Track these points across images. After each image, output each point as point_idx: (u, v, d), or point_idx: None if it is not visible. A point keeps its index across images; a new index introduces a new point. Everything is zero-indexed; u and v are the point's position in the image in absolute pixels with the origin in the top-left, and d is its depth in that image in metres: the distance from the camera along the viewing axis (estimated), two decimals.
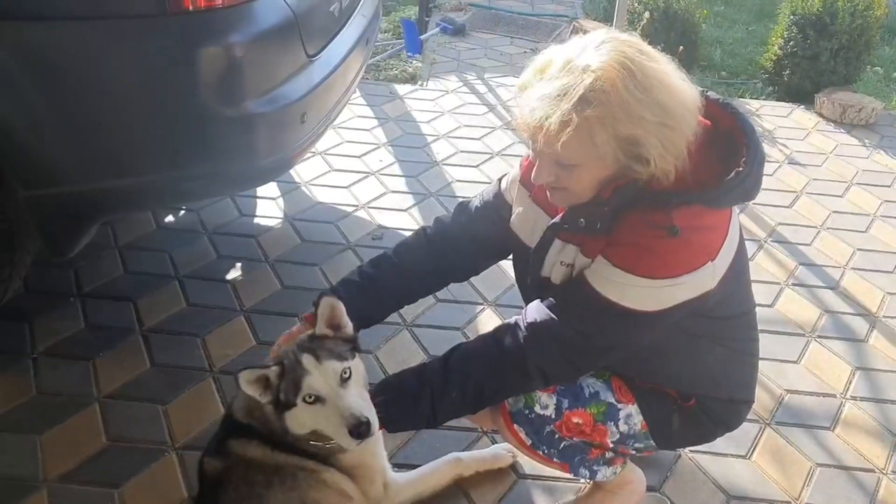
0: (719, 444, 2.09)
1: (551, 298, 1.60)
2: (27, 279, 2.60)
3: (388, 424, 1.63)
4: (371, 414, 1.57)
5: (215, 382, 2.36)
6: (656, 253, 1.50)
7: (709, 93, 1.60)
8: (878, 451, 2.27)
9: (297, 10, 2.28)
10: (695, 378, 1.73)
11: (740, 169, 1.50)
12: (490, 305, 2.77)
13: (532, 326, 1.58)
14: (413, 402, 1.62)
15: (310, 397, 1.57)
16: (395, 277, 1.87)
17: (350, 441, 1.56)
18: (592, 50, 1.43)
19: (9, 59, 1.92)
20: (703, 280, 1.51)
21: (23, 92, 1.96)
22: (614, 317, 1.52)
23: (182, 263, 2.89)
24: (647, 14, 4.96)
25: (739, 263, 1.62)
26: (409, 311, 2.67)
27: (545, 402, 1.68)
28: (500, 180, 1.90)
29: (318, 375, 1.57)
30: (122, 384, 2.33)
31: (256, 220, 3.23)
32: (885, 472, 2.21)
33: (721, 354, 1.72)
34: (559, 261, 1.63)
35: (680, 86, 1.46)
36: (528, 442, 1.74)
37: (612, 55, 1.41)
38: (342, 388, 1.58)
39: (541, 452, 1.75)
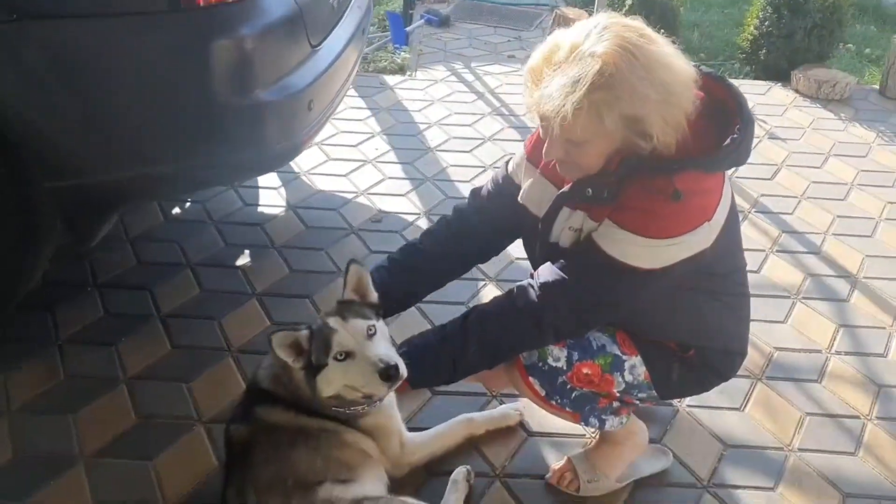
0: (715, 398, 2.24)
1: (562, 260, 1.72)
2: (44, 272, 2.67)
3: (412, 381, 1.75)
4: (399, 360, 1.70)
5: (235, 361, 2.47)
6: (659, 216, 1.63)
7: (702, 67, 1.72)
8: (862, 399, 2.43)
9: (301, 2, 2.40)
10: (693, 330, 1.86)
11: (735, 136, 1.63)
12: (492, 281, 2.90)
13: (544, 286, 1.71)
14: (434, 359, 1.76)
15: (341, 354, 1.70)
16: (421, 261, 2.02)
17: (382, 386, 1.68)
18: (596, 35, 1.54)
19: (32, 56, 2.02)
20: (701, 239, 1.65)
21: (45, 87, 2.06)
22: (620, 274, 1.65)
23: (192, 252, 2.99)
24: (627, 0, 5.09)
25: (731, 223, 1.75)
26: None
27: (557, 355, 1.81)
28: (507, 164, 2.03)
29: (346, 332, 1.71)
30: (146, 366, 2.43)
31: (260, 209, 3.33)
32: (869, 418, 2.36)
33: (717, 308, 1.85)
34: (567, 226, 1.75)
35: (678, 64, 1.59)
36: (543, 393, 1.86)
37: (616, 40, 1.52)
38: (369, 341, 1.72)
39: (554, 402, 1.87)
